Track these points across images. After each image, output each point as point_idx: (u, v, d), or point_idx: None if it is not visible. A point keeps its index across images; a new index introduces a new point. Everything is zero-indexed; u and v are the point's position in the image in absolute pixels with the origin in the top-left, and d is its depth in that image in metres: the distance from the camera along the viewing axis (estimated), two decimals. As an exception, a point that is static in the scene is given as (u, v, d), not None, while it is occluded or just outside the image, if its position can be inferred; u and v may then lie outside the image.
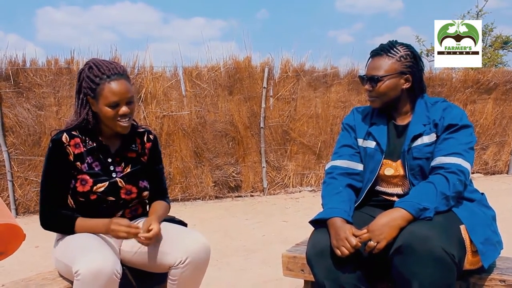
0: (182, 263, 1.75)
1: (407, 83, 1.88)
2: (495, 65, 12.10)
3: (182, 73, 6.53)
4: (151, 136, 2.07)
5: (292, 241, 2.28)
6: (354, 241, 1.61)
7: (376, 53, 1.89)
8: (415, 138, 1.83)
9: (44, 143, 5.91)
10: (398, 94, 1.88)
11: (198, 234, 1.86)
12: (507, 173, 8.49)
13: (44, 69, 5.93)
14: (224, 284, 3.22)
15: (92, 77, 1.81)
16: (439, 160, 1.75)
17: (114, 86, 1.79)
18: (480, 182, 7.09)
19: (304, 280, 2.04)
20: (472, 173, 8.40)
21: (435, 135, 1.82)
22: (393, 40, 1.92)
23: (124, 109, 1.82)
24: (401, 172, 1.85)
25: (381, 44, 1.92)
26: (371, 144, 1.93)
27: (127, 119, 1.84)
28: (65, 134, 1.87)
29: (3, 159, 5.80)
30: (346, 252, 1.61)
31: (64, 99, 5.99)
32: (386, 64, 1.85)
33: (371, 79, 1.87)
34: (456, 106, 1.87)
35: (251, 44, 10.86)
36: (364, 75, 1.92)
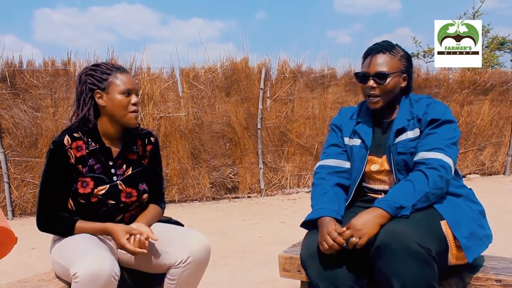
0: (183, 262, 1.76)
1: (404, 83, 1.90)
2: (492, 66, 12.14)
3: (179, 74, 6.54)
4: (152, 139, 2.06)
5: (289, 242, 2.28)
6: (336, 236, 1.64)
7: (379, 50, 1.86)
8: (399, 133, 1.85)
9: (40, 145, 5.90)
10: (397, 93, 1.89)
11: (199, 234, 1.88)
12: (503, 173, 8.51)
13: (41, 71, 5.92)
14: (221, 285, 3.22)
15: (101, 71, 1.86)
16: (421, 156, 1.76)
17: (125, 76, 1.87)
18: (476, 183, 7.11)
19: (301, 281, 2.03)
20: (469, 173, 8.42)
21: (418, 130, 1.83)
22: (387, 40, 1.92)
23: (135, 98, 1.86)
24: (386, 167, 1.87)
25: (379, 43, 1.91)
26: (357, 142, 1.95)
27: (138, 110, 1.88)
28: (67, 136, 1.84)
29: (0, 161, 5.79)
30: (326, 246, 1.64)
31: (60, 100, 5.98)
32: (391, 61, 1.84)
33: (378, 76, 1.83)
34: (440, 102, 1.88)
35: (248, 45, 10.89)
36: (366, 72, 1.86)
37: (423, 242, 1.51)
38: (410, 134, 1.83)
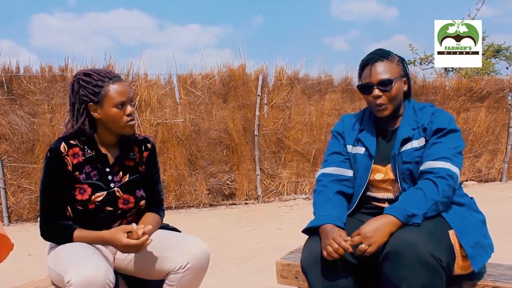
0: (183, 268, 1.76)
1: (405, 86, 1.90)
2: (488, 74, 12.18)
3: (176, 81, 6.54)
4: (149, 145, 2.04)
5: (286, 249, 2.27)
6: (342, 241, 1.61)
7: (376, 59, 1.86)
8: (404, 142, 1.84)
9: (37, 151, 5.89)
10: (401, 98, 1.89)
11: (198, 240, 1.87)
12: (500, 180, 8.53)
13: (38, 76, 5.92)
14: (218, 292, 3.21)
15: (93, 82, 1.81)
16: (428, 165, 1.75)
17: (118, 86, 1.82)
18: (473, 190, 7.11)
19: (298, 288, 2.03)
20: (466, 180, 8.41)
21: (424, 140, 1.82)
22: (381, 48, 1.92)
23: (130, 108, 1.83)
24: (391, 176, 1.85)
25: (374, 52, 1.91)
26: (360, 150, 1.93)
27: (133, 119, 1.86)
28: (63, 143, 1.84)
29: (-4, 167, 5.77)
30: (331, 249, 1.61)
31: (57, 106, 5.98)
32: (391, 67, 1.84)
33: (382, 84, 1.82)
34: (444, 111, 1.88)
35: (245, 52, 10.89)
36: (369, 82, 1.85)
37: (435, 252, 1.50)
38: (416, 143, 1.82)
